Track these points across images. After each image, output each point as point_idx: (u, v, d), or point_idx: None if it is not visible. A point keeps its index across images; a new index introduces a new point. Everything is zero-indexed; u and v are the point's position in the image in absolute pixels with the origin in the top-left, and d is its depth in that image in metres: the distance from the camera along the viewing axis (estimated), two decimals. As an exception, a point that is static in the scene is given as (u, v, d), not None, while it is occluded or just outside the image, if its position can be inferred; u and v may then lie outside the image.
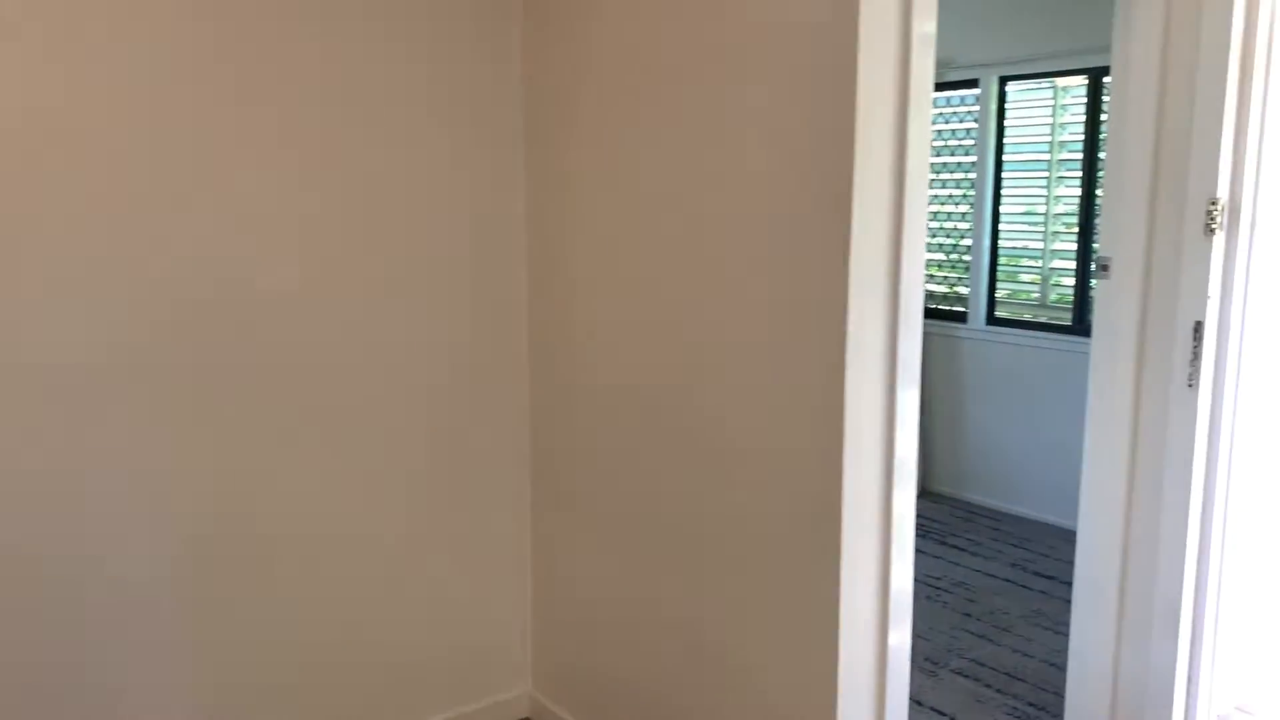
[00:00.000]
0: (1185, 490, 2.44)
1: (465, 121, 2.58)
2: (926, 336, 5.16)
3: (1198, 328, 2.38)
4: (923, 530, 4.56)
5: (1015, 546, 4.36)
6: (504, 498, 2.79)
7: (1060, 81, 4.67)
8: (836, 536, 1.92)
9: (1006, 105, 4.84)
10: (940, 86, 5.04)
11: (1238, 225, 2.34)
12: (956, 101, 5.03)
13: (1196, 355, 2.39)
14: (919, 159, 1.90)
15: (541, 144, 2.62)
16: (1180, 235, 2.40)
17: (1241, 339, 2.39)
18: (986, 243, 4.92)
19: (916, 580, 3.91)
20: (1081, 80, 4.55)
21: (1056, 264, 4.79)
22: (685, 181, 2.19)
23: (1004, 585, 3.93)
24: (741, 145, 2.04)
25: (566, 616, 2.77)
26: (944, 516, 4.77)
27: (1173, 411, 2.45)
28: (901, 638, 2.08)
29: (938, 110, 5.11)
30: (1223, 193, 2.33)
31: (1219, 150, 2.32)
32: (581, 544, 2.67)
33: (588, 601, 2.68)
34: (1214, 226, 2.34)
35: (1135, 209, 2.48)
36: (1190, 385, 2.40)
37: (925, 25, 1.87)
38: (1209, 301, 2.37)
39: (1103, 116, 4.44)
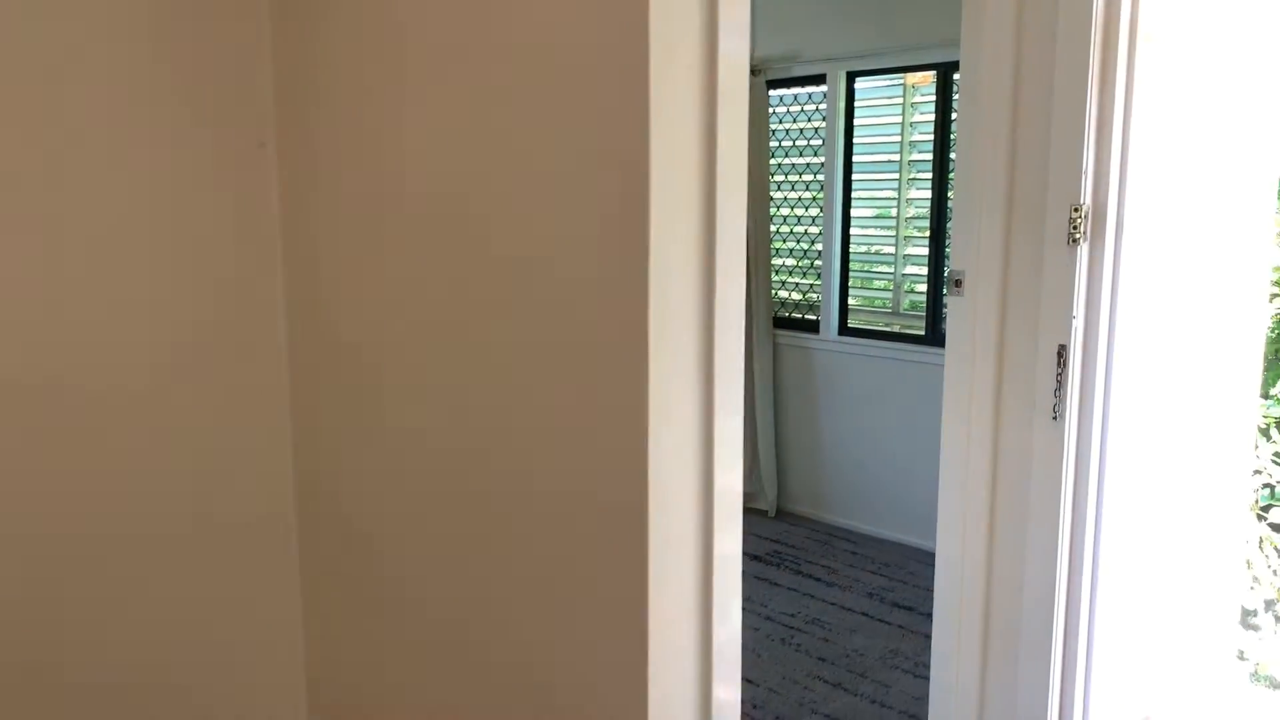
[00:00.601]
0: (1053, 523, 2.15)
1: (187, 103, 2.06)
2: (779, 348, 4.86)
3: (1061, 352, 2.09)
4: (778, 558, 4.25)
5: (874, 574, 4.09)
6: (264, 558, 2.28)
7: (910, 78, 4.44)
8: (642, 596, 1.50)
9: (855, 103, 4.58)
10: (787, 83, 4.75)
11: (1103, 234, 2.06)
12: (804, 99, 4.75)
13: (1060, 383, 2.09)
14: (733, 162, 1.51)
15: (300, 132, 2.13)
16: (1040, 247, 2.11)
17: (1110, 363, 2.11)
18: (837, 248, 4.65)
19: (770, 620, 3.62)
20: (931, 76, 4.33)
21: (909, 270, 4.56)
22: (456, 205, 1.75)
23: (861, 621, 3.63)
24: (527, 148, 1.61)
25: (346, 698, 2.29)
26: (800, 540, 4.48)
27: (1037, 444, 2.16)
28: (729, 696, 1.69)
29: (785, 108, 4.82)
30: (1085, 198, 2.04)
31: (1081, 151, 2.03)
32: (358, 621, 2.19)
33: (368, 686, 2.20)
34: (1077, 236, 2.04)
35: (989, 218, 2.17)
36: (1055, 418, 2.11)
37: (736, 11, 1.47)
38: (1073, 322, 2.07)
39: (954, 115, 4.22)
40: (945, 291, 4.35)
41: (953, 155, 4.22)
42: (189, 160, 2.06)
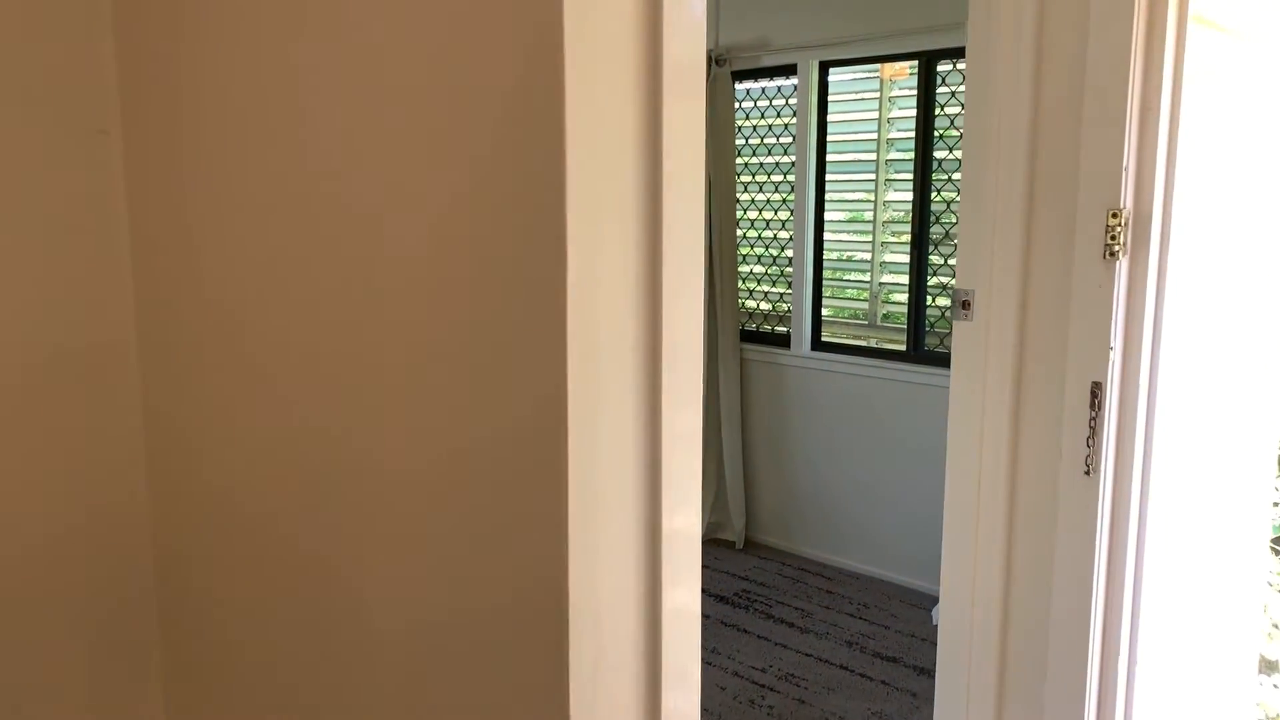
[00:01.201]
0: (1083, 597, 1.77)
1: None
2: (746, 364, 4.46)
3: (1096, 391, 1.70)
4: (746, 599, 3.84)
5: (853, 616, 3.70)
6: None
7: (886, 70, 4.06)
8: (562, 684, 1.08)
9: (829, 96, 4.19)
10: (755, 74, 4.35)
11: (1147, 245, 1.67)
12: (773, 92, 4.35)
13: (1094, 430, 1.70)
14: (686, 166, 1.09)
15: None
16: (1069, 262, 1.71)
17: (1153, 405, 1.72)
18: (810, 255, 4.26)
19: (738, 676, 3.21)
20: (908, 69, 3.95)
21: (887, 278, 4.18)
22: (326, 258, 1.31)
23: (840, 676, 3.24)
24: (410, 146, 1.18)
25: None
26: (770, 577, 4.07)
27: (1064, 504, 1.76)
28: None
29: (753, 102, 4.42)
30: (1126, 202, 1.65)
31: (1121, 145, 1.64)
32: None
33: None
34: (1115, 248, 1.65)
35: (1005, 227, 1.78)
36: (1088, 472, 1.71)
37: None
38: (1111, 354, 1.68)
39: (937, 110, 3.84)
40: (949, 314, 3.99)
41: (937, 155, 3.86)
42: (13, 148, 1.61)
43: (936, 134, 3.85)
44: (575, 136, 0.94)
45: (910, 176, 3.96)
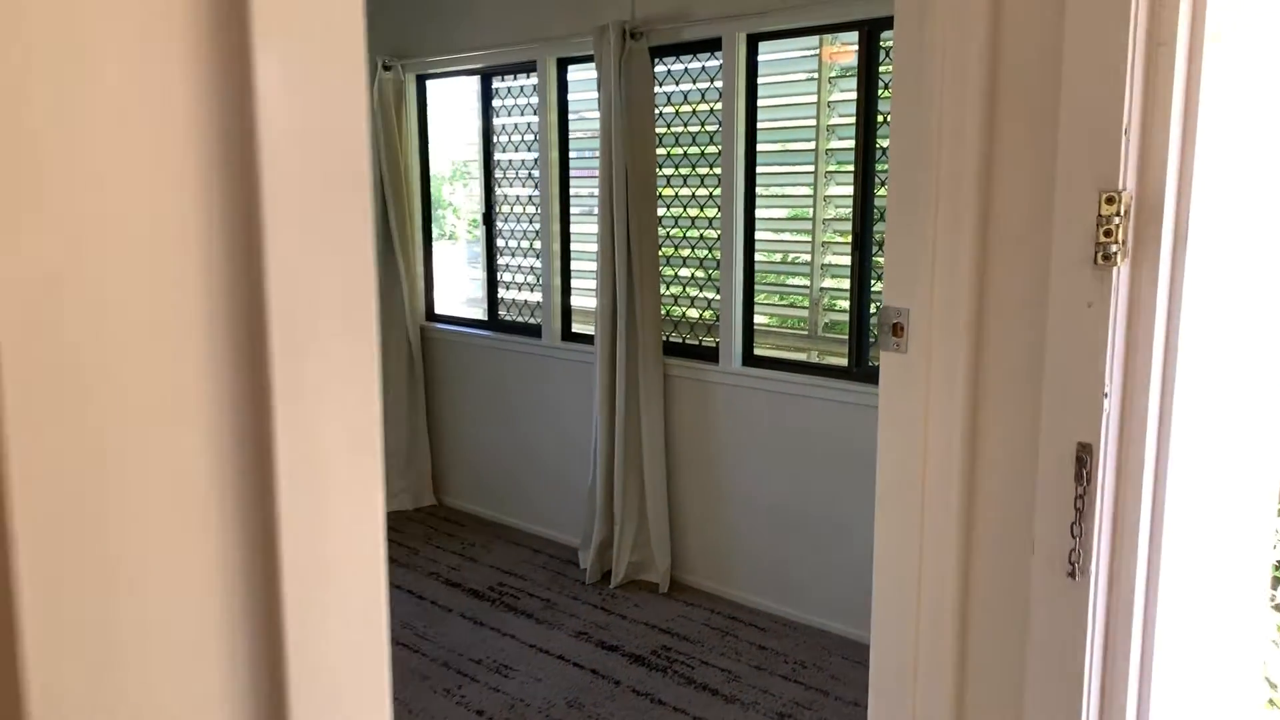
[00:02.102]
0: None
1: None
2: (670, 381, 3.91)
3: (1083, 457, 1.17)
4: (666, 659, 3.30)
5: (787, 679, 3.17)
6: None
7: (827, 52, 3.54)
8: None
9: (759, 77, 3.66)
10: (675, 50, 3.82)
11: (1156, 244, 1.14)
12: (697, 72, 3.82)
13: (1082, 514, 1.17)
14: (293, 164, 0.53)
15: None
16: (1043, 269, 1.19)
17: (1162, 471, 1.20)
18: (739, 256, 3.73)
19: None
20: (852, 51, 3.43)
21: (830, 283, 3.66)
22: None
23: (768, 762, 2.70)
24: None
25: None
26: (696, 629, 3.54)
27: (1039, 618, 1.23)
28: None
29: (675, 84, 3.88)
30: (1126, 182, 1.13)
31: (1121, 94, 1.11)
32: None
33: None
34: (1111, 249, 1.13)
35: (951, 222, 1.25)
36: (1073, 574, 1.19)
37: None
38: (1104, 403, 1.16)
39: (882, 89, 3.33)
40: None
41: (882, 142, 3.35)
42: None
43: (881, 118, 3.34)
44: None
45: (852, 166, 3.44)
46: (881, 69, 3.31)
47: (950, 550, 1.30)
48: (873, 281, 3.42)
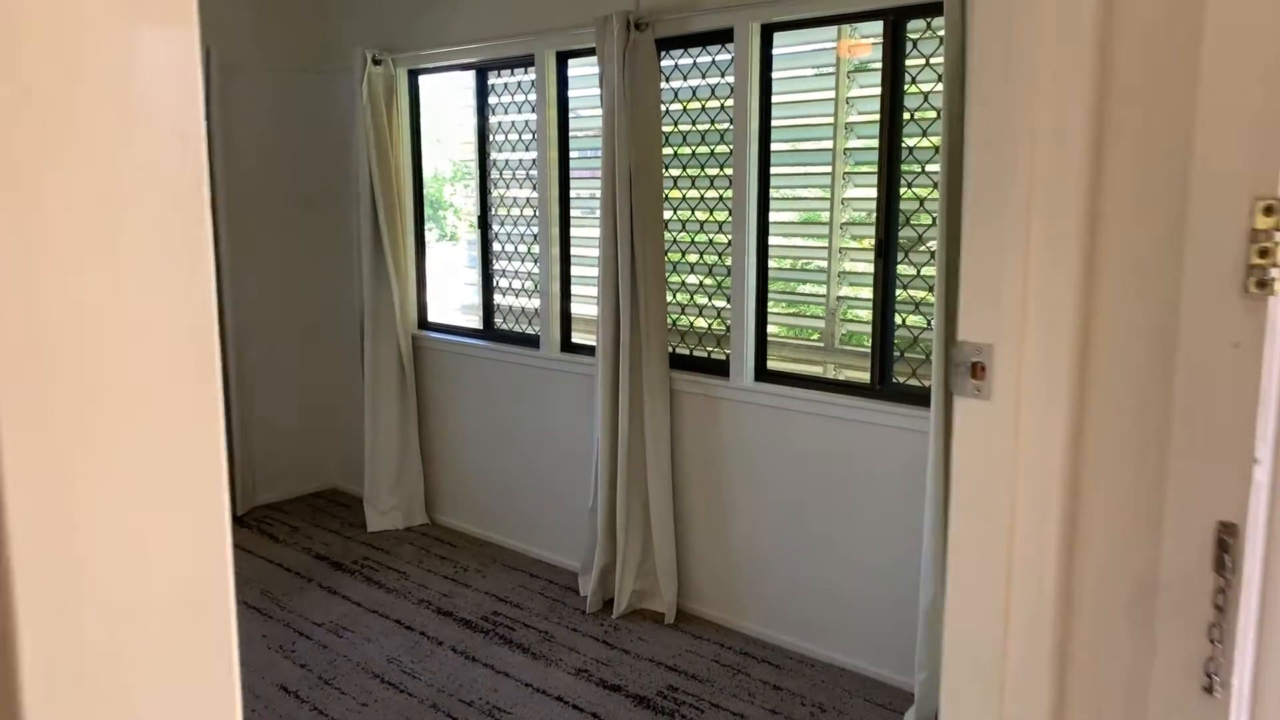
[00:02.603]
0: None
1: None
2: (677, 396, 3.66)
3: (1226, 539, 0.91)
4: (673, 700, 3.05)
5: (804, 724, 2.91)
6: None
7: (845, 47, 3.28)
8: None
9: (774, 71, 3.41)
10: (684, 41, 3.56)
11: (1324, 273, 0.88)
12: (707, 67, 3.56)
13: (1223, 613, 0.92)
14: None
15: None
16: (1172, 300, 0.93)
17: (1320, 559, 0.94)
18: (751, 261, 3.47)
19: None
20: (870, 45, 3.18)
21: (847, 291, 3.41)
22: None
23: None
24: None
25: None
26: (705, 666, 3.28)
27: (1158, 738, 0.98)
28: None
29: (682, 80, 3.63)
30: (1288, 187, 0.87)
31: (1284, 71, 0.86)
32: None
33: None
34: (1271, 273, 0.87)
35: (1048, 239, 1.00)
36: (1210, 689, 0.93)
37: None
38: (1255, 470, 0.90)
39: (906, 84, 3.07)
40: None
41: (908, 140, 3.09)
42: None
43: (906, 115, 3.08)
44: None
45: (874, 166, 3.19)
46: (908, 62, 3.06)
47: (1044, 643, 1.05)
48: (897, 291, 3.16)
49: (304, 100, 4.93)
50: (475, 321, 4.57)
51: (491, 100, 4.32)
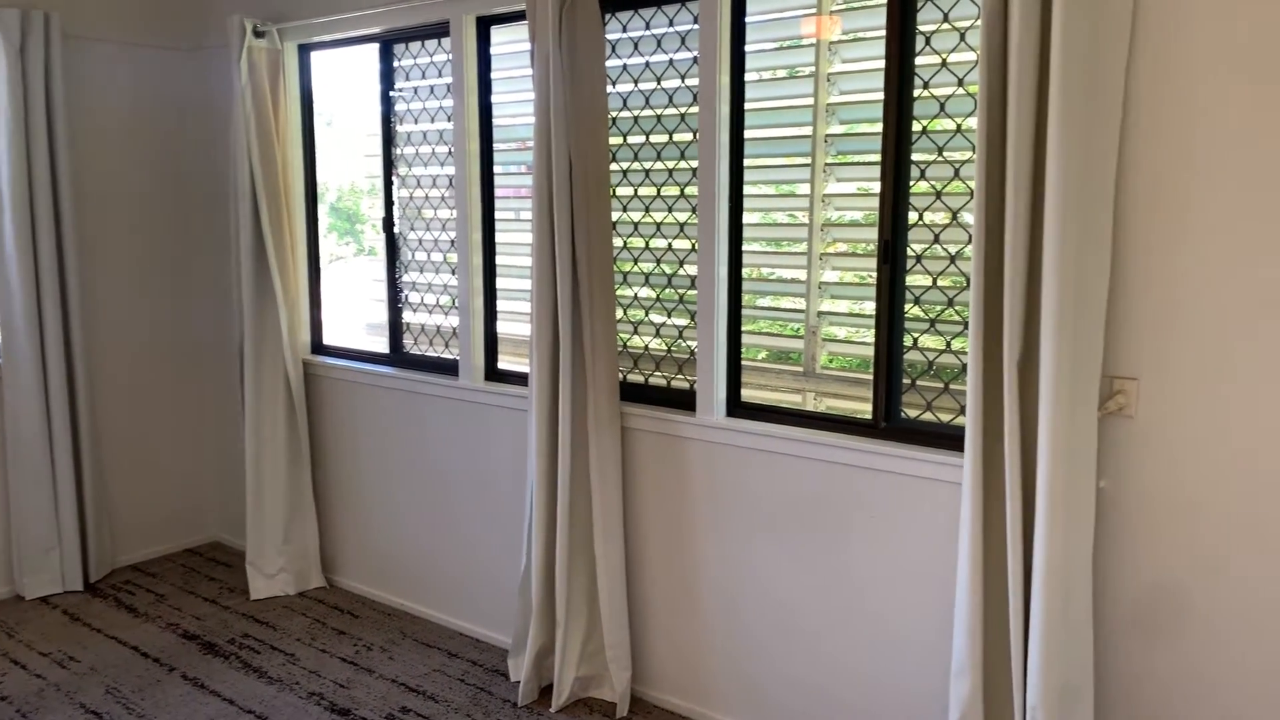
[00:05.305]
0: None
1: None
2: (631, 435, 3.00)
3: None
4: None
5: None
6: None
7: (808, 23, 2.69)
8: None
9: (745, 41, 2.80)
10: (634, 3, 2.93)
11: None
12: (664, 35, 2.93)
13: None
14: None
15: None
16: None
17: None
18: (723, 272, 2.85)
19: None
20: (838, 19, 2.59)
21: (828, 306, 2.81)
22: None
23: None
24: None
25: None
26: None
27: None
28: None
29: (634, 53, 2.99)
30: None
31: None
32: None
33: None
34: None
35: None
36: None
37: None
38: None
39: (919, 46, 2.49)
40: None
41: (919, 119, 2.51)
42: None
43: (920, 89, 2.50)
44: None
45: (869, 157, 2.59)
46: (921, 26, 2.47)
47: None
48: (908, 306, 2.57)
49: (172, 81, 4.15)
50: (382, 344, 3.84)
51: (400, 83, 3.63)
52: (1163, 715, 2.13)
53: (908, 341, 2.58)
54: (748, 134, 2.81)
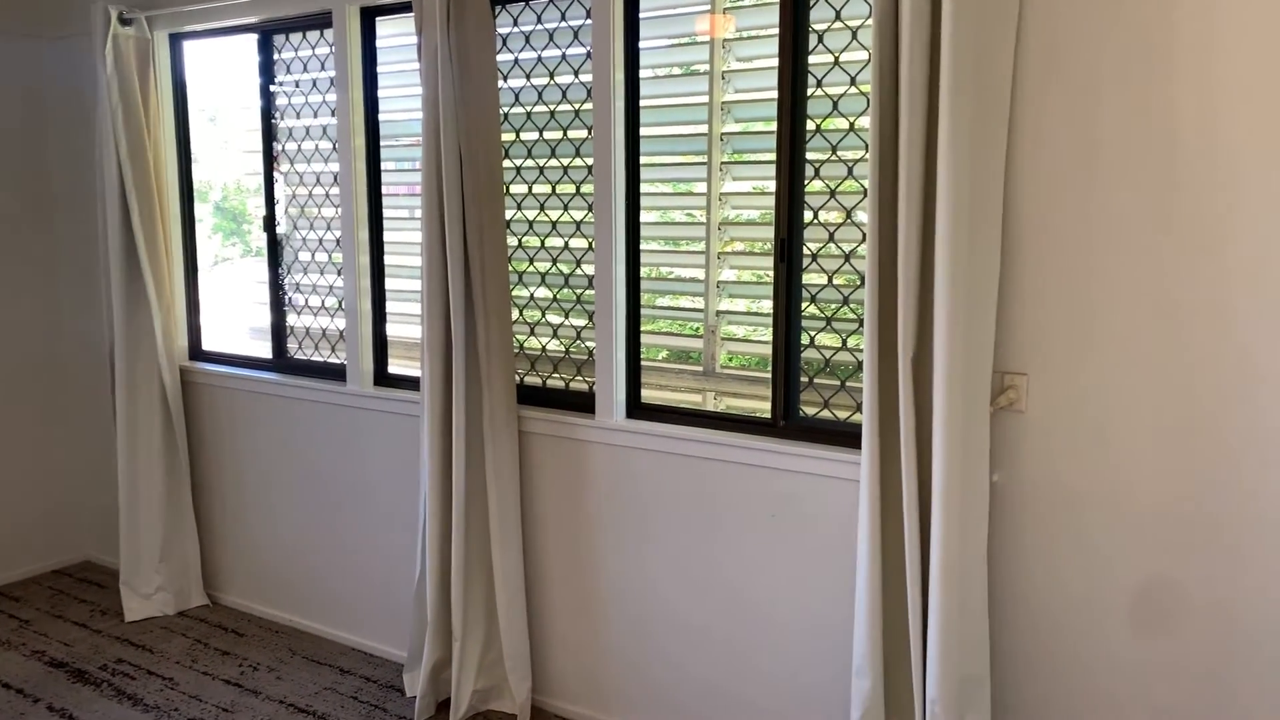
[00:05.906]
0: None
1: None
2: (528, 438, 2.93)
3: None
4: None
5: None
6: None
7: (702, 21, 2.68)
8: None
9: (640, 34, 2.76)
10: (527, -1, 2.86)
11: None
12: (557, 28, 2.87)
13: None
14: None
15: None
16: None
17: None
18: (621, 271, 2.80)
19: None
20: (732, 18, 2.59)
21: (725, 305, 2.80)
22: None
23: None
24: None
25: None
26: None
27: None
28: None
29: (526, 47, 2.92)
30: None
31: None
32: None
33: None
34: None
35: None
36: None
37: None
38: None
39: (811, 44, 2.49)
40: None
41: (814, 115, 2.51)
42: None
43: (813, 88, 2.50)
44: None
45: (764, 156, 2.59)
46: (814, 25, 2.47)
47: None
48: (804, 305, 2.57)
49: (32, 72, 3.88)
50: (265, 349, 3.67)
51: (282, 75, 3.47)
52: (1054, 697, 2.17)
53: (805, 340, 2.58)
54: (643, 131, 2.77)
